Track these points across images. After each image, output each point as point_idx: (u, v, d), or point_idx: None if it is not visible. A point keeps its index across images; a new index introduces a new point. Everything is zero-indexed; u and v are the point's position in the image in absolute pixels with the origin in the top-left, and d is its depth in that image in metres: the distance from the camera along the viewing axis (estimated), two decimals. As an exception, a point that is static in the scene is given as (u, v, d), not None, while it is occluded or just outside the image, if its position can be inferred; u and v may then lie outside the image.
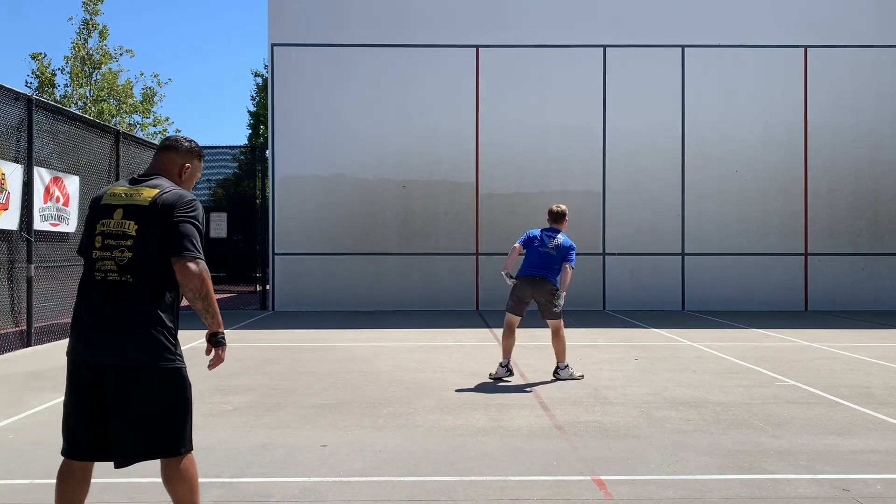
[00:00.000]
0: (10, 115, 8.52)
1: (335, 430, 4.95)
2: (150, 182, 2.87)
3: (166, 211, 2.76)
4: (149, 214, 2.76)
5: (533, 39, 14.14)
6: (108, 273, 2.75)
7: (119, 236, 2.76)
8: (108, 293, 2.74)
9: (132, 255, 2.74)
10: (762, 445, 4.58)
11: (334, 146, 14.07)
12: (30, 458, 4.31)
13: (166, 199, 2.78)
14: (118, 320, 2.72)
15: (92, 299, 2.77)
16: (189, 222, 2.78)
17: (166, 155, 3.03)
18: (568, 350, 6.94)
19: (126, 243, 2.75)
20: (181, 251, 2.73)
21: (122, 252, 2.75)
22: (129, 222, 2.76)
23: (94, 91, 20.56)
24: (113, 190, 2.87)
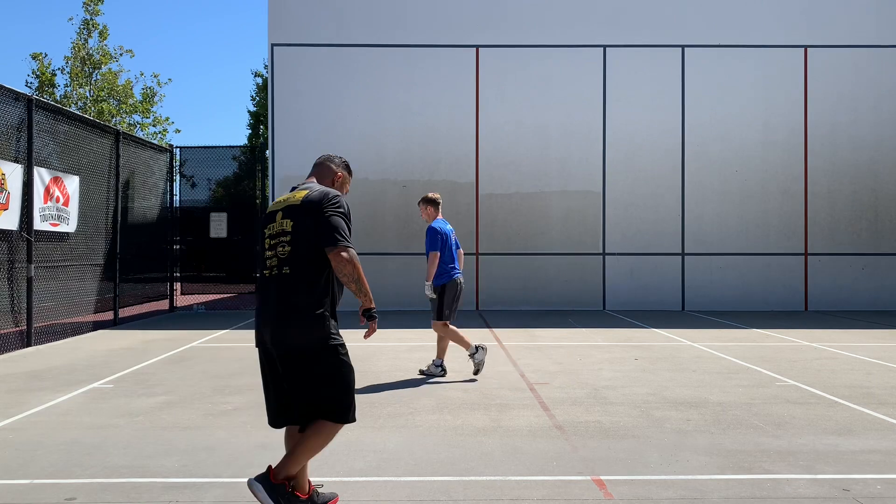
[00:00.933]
0: (10, 115, 8.52)
1: (335, 430, 4.95)
2: (304, 186, 3.37)
3: (315, 206, 3.18)
4: (301, 211, 3.19)
5: (533, 39, 14.14)
6: (273, 268, 3.20)
7: (280, 234, 3.20)
8: (275, 285, 3.18)
9: (291, 249, 3.17)
10: (762, 445, 4.58)
11: (334, 146, 14.03)
12: (30, 458, 4.32)
13: (314, 197, 3.22)
14: (283, 308, 3.14)
15: (263, 292, 3.24)
16: (336, 214, 3.19)
17: (322, 167, 3.53)
18: (568, 350, 6.95)
19: (285, 239, 3.18)
20: (334, 242, 3.14)
21: (284, 247, 3.18)
22: (286, 220, 3.21)
23: (94, 91, 20.56)
24: (277, 199, 3.38)
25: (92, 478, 3.95)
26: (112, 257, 11.28)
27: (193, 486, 3.83)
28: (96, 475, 4.00)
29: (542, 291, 14.00)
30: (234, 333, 10.37)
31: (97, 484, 3.87)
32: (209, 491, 3.76)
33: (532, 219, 14.16)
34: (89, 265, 10.68)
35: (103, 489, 3.78)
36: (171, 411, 5.49)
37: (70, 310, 10.12)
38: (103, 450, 4.47)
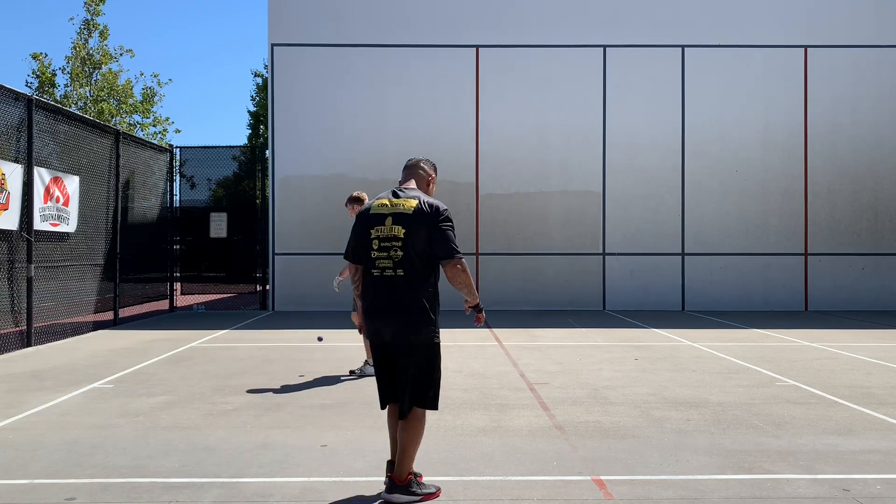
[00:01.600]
0: (10, 115, 8.52)
1: (335, 430, 4.95)
2: (409, 194, 3.61)
3: (429, 219, 3.50)
4: (413, 220, 3.50)
5: (533, 39, 14.14)
6: (385, 269, 3.51)
7: (391, 238, 3.49)
8: (390, 286, 3.51)
9: (403, 254, 3.47)
10: (762, 445, 4.58)
11: (334, 146, 14.07)
12: (30, 458, 4.32)
13: (426, 210, 3.52)
14: (401, 308, 3.49)
15: (378, 291, 3.54)
16: (449, 228, 3.54)
17: (416, 169, 3.77)
18: (568, 350, 6.97)
19: (397, 244, 3.47)
20: (451, 254, 3.52)
21: (396, 252, 3.48)
22: (397, 227, 3.49)
23: (94, 91, 20.56)
24: (380, 202, 3.61)
25: (92, 478, 3.95)
26: (112, 257, 11.28)
27: (193, 486, 3.83)
28: (96, 475, 4.00)
29: (542, 291, 14.00)
30: (234, 333, 10.37)
31: (97, 484, 3.87)
32: (209, 491, 3.76)
33: (532, 219, 14.15)
34: (89, 265, 10.68)
35: (103, 489, 3.78)
36: (171, 411, 5.49)
37: (70, 310, 10.12)
38: (103, 450, 4.47)
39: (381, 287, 3.53)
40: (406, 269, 3.49)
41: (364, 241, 3.59)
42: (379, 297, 3.55)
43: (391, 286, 3.51)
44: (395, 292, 3.50)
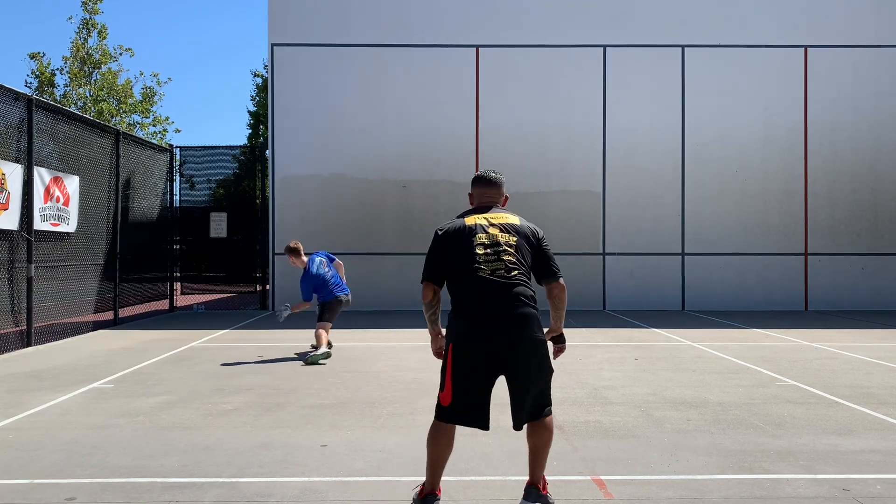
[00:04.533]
0: (10, 115, 8.52)
1: (335, 430, 4.95)
2: (496, 208, 3.60)
3: (533, 236, 3.52)
4: (520, 233, 3.49)
5: (533, 39, 14.14)
6: (497, 271, 3.36)
7: (501, 244, 3.40)
8: (507, 287, 3.34)
9: (516, 261, 3.40)
10: (762, 445, 4.58)
11: (334, 146, 14.06)
12: (30, 458, 4.31)
13: (529, 227, 3.56)
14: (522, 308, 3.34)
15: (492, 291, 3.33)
16: (550, 249, 3.59)
17: (499, 188, 3.68)
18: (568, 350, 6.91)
19: (510, 250, 3.40)
20: (556, 275, 3.53)
21: (509, 257, 3.39)
22: (507, 235, 3.44)
23: (93, 91, 20.55)
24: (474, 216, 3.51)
25: (92, 478, 3.95)
26: (112, 257, 11.28)
27: (193, 485, 3.83)
28: (96, 475, 4.00)
29: (543, 291, 13.97)
30: (234, 333, 10.37)
31: (97, 484, 3.87)
32: (209, 491, 3.76)
33: (532, 219, 14.03)
34: (89, 265, 10.68)
35: (103, 489, 3.78)
36: (171, 411, 5.49)
37: (70, 310, 10.12)
38: (103, 450, 4.47)
39: (497, 288, 3.33)
40: (520, 272, 3.41)
41: (469, 248, 3.39)
42: (494, 296, 3.32)
43: (510, 288, 3.34)
44: (517, 294, 3.35)
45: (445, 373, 3.35)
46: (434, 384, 6.52)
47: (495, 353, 3.30)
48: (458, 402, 3.32)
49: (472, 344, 3.30)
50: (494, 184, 3.65)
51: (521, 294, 3.35)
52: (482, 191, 3.64)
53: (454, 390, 3.31)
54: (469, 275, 3.36)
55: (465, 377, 3.31)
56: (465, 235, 3.43)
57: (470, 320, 3.33)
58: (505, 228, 3.46)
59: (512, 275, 3.36)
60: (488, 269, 3.35)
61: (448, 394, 3.32)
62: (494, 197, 3.64)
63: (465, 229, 3.45)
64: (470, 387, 3.32)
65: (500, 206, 3.64)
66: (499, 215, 3.52)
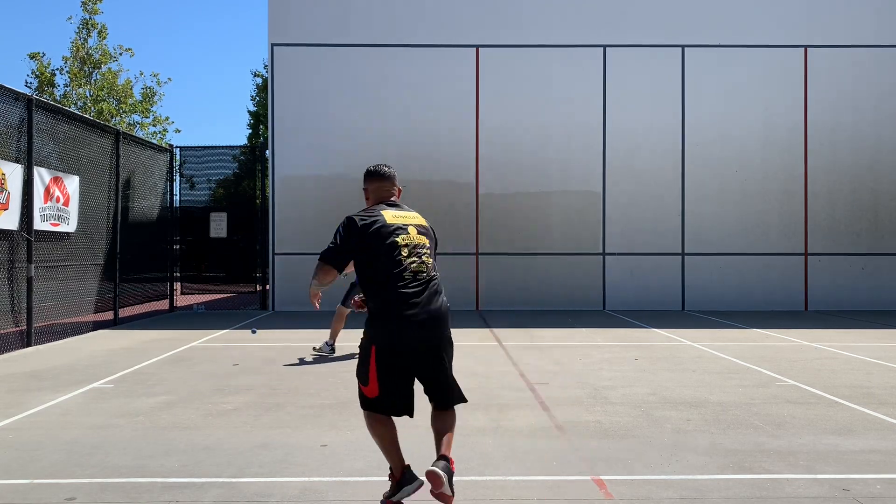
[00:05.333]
0: (10, 115, 8.52)
1: (335, 430, 4.95)
2: (404, 207, 3.72)
3: (435, 237, 3.73)
4: (428, 233, 3.67)
5: (533, 39, 14.14)
6: (419, 272, 3.49)
7: (419, 246, 3.54)
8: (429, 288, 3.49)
9: (432, 261, 3.58)
10: (762, 445, 4.58)
11: (334, 146, 14.06)
12: (30, 458, 4.31)
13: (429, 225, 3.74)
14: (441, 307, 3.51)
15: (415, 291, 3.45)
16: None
17: (393, 183, 3.83)
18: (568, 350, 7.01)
19: (424, 252, 3.55)
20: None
21: (427, 258, 3.55)
22: (421, 236, 3.57)
23: (93, 91, 20.55)
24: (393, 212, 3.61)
25: (92, 478, 3.95)
26: (112, 257, 11.28)
27: (193, 486, 3.82)
28: (96, 475, 4.00)
29: (542, 291, 14.00)
30: (234, 333, 10.36)
31: (97, 484, 3.87)
32: (209, 491, 3.76)
33: (532, 219, 14.15)
34: (89, 265, 10.68)
35: (103, 489, 3.78)
36: (171, 411, 5.49)
37: (70, 310, 10.12)
38: (103, 450, 4.47)
39: (420, 288, 3.46)
40: (434, 273, 3.59)
41: (391, 249, 3.47)
42: (417, 296, 3.45)
43: (431, 288, 3.51)
44: (436, 294, 3.52)
45: (369, 370, 3.48)
46: (434, 384, 6.54)
47: (419, 353, 3.49)
48: (385, 397, 3.48)
49: (397, 349, 3.44)
50: (390, 178, 3.82)
51: (441, 297, 3.54)
52: (379, 184, 3.79)
53: (380, 387, 3.47)
54: (395, 276, 3.44)
55: (389, 376, 3.46)
56: (388, 234, 3.50)
57: (396, 322, 3.42)
58: (422, 230, 3.62)
59: (432, 276, 3.54)
60: (412, 269, 3.47)
61: (374, 388, 3.47)
62: (392, 190, 3.79)
63: (388, 227, 3.52)
64: (394, 386, 3.48)
65: (397, 198, 3.79)
66: (409, 215, 3.65)
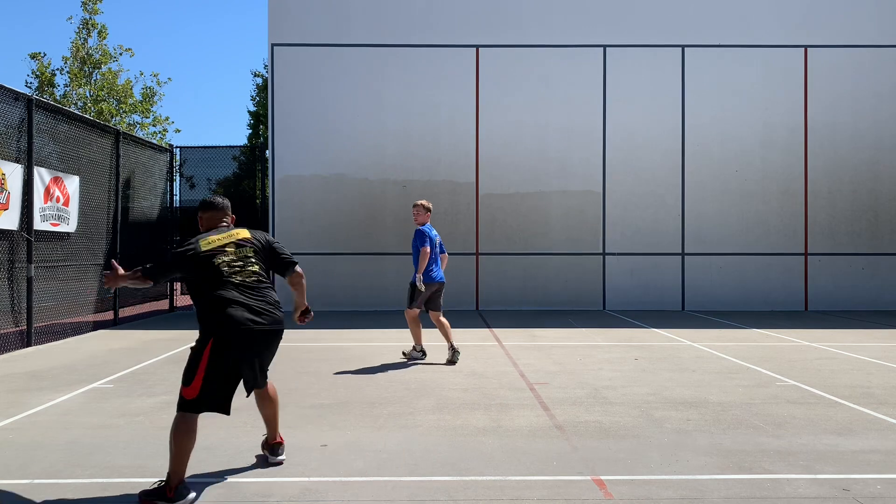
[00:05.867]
0: (10, 115, 8.52)
1: (335, 430, 4.95)
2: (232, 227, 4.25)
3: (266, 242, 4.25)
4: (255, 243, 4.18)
5: (533, 39, 14.14)
6: (249, 277, 4.02)
7: (245, 257, 4.06)
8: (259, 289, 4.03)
9: (259, 268, 4.10)
10: (762, 445, 4.58)
11: (334, 146, 14.07)
12: (30, 458, 4.32)
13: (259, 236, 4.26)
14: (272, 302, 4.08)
15: (248, 293, 3.98)
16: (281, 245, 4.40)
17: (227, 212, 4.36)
18: (568, 350, 7.04)
19: (252, 259, 4.09)
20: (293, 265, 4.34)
21: (254, 266, 4.07)
22: (245, 248, 4.09)
23: (93, 91, 20.55)
24: (215, 237, 4.07)
25: (92, 478, 3.96)
26: (112, 257, 11.28)
27: (193, 486, 3.82)
28: (96, 475, 4.00)
29: (542, 291, 14.01)
30: (234, 333, 10.35)
31: (97, 484, 3.87)
32: (209, 491, 3.76)
33: (532, 219, 14.15)
34: (89, 265, 10.68)
35: (103, 489, 3.78)
36: (171, 411, 5.46)
37: (70, 310, 10.12)
38: (103, 450, 4.47)
39: (252, 289, 3.99)
40: (265, 276, 4.16)
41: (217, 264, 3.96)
42: (251, 297, 3.96)
43: (262, 289, 4.06)
44: (267, 293, 4.07)
45: (197, 371, 3.77)
46: (435, 384, 6.53)
47: (252, 338, 3.91)
48: (207, 395, 3.81)
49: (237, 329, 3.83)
50: (225, 209, 4.34)
51: (271, 295, 4.09)
52: (212, 214, 4.27)
53: (203, 385, 3.78)
54: (225, 278, 3.93)
55: (218, 374, 3.85)
56: (215, 253, 3.99)
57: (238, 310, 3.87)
58: (244, 242, 4.11)
59: (262, 279, 4.09)
60: (243, 274, 4.00)
61: (196, 389, 3.77)
62: (225, 219, 4.30)
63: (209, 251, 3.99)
64: (222, 382, 3.90)
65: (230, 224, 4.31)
66: (238, 231, 4.16)
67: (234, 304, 3.88)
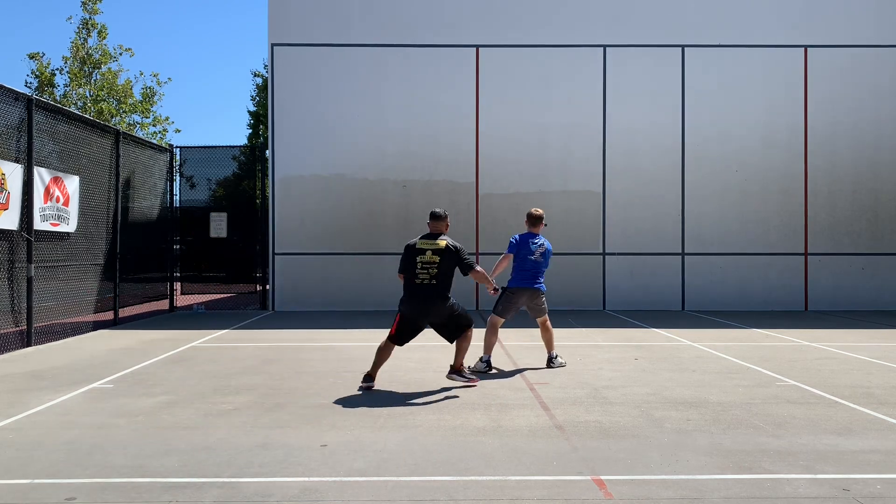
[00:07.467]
0: (10, 115, 8.52)
1: (335, 430, 4.95)
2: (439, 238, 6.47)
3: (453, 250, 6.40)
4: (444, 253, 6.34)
5: (533, 39, 14.14)
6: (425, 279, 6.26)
7: (430, 262, 6.27)
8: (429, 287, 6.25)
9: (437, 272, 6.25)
10: (762, 445, 4.58)
11: (334, 146, 14.07)
12: (30, 458, 4.32)
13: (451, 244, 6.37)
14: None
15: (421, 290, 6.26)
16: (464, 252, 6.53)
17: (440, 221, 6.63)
18: (568, 350, 7.04)
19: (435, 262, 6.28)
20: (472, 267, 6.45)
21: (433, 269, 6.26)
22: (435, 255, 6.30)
23: (93, 91, 20.54)
24: (424, 240, 6.43)
25: (92, 478, 3.96)
26: (112, 257, 11.28)
27: (193, 485, 3.83)
28: (96, 475, 4.00)
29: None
30: (234, 333, 10.36)
31: (97, 484, 3.87)
32: (209, 491, 3.76)
33: (532, 219, 14.12)
34: (89, 265, 10.68)
35: (103, 489, 3.78)
36: (171, 411, 5.49)
37: (70, 310, 10.12)
38: (103, 450, 4.47)
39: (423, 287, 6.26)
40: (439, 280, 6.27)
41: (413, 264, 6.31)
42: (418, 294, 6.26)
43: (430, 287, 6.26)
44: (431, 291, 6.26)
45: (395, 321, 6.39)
46: (435, 384, 6.55)
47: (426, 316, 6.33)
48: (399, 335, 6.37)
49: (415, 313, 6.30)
50: (438, 217, 6.67)
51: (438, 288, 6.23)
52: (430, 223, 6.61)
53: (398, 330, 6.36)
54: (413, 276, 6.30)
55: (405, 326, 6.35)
56: (416, 252, 6.37)
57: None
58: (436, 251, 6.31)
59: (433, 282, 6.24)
60: (420, 277, 6.24)
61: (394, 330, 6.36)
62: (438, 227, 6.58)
63: (415, 249, 6.42)
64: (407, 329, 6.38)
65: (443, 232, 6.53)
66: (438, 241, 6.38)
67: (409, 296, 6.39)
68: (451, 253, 6.25)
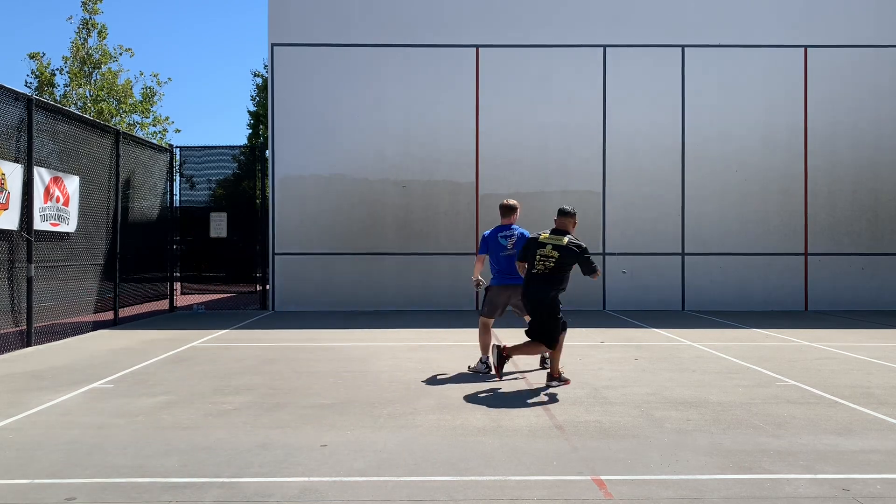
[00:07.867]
0: (10, 115, 8.52)
1: (335, 430, 4.95)
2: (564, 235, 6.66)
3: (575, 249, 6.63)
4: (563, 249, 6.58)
5: (533, 39, 14.14)
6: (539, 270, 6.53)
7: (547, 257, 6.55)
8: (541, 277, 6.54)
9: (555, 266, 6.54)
10: (762, 445, 4.58)
11: (334, 146, 14.07)
12: (30, 458, 4.32)
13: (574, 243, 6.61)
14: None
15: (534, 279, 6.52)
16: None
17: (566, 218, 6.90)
18: (569, 350, 7.04)
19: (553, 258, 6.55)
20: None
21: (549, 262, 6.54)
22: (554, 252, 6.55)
23: (93, 91, 20.54)
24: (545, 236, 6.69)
25: (92, 478, 3.96)
26: (112, 257, 11.28)
27: (193, 486, 3.83)
28: (96, 475, 4.00)
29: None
30: (234, 333, 10.36)
31: (97, 484, 3.87)
32: (209, 491, 3.76)
33: (532, 219, 14.06)
34: (89, 265, 10.68)
35: (103, 489, 3.78)
36: (171, 411, 5.49)
37: (70, 310, 10.12)
38: (103, 450, 4.47)
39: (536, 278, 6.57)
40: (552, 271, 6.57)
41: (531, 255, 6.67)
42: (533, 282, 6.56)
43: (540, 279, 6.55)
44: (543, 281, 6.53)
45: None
46: (435, 384, 6.56)
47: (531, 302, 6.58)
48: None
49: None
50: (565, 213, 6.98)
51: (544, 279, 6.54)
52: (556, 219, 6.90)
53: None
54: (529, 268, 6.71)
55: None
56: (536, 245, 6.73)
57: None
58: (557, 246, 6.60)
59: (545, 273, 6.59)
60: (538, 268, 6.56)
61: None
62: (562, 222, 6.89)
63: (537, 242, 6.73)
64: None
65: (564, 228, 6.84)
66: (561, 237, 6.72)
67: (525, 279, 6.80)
68: (571, 251, 6.46)
